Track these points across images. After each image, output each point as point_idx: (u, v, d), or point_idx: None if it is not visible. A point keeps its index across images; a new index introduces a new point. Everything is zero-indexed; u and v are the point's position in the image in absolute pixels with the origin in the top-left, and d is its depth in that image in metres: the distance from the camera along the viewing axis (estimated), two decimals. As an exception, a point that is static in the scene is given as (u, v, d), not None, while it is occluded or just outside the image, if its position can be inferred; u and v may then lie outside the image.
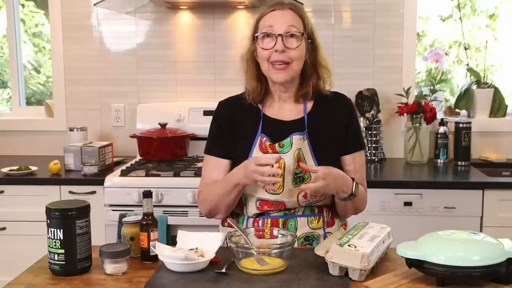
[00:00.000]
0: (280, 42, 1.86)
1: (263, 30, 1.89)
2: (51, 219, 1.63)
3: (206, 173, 2.02)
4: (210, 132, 2.05)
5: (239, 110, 2.00)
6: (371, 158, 3.40)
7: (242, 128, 1.98)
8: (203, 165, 2.06)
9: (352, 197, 1.86)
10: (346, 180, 1.85)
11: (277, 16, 1.89)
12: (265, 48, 1.88)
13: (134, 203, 2.81)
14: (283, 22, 1.88)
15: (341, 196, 1.86)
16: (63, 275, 1.63)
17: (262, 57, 1.91)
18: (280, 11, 1.91)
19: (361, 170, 2.02)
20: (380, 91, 3.43)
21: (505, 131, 3.50)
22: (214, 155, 2.00)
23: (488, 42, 3.67)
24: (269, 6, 1.94)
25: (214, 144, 2.01)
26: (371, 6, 3.45)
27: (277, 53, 1.87)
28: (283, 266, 1.63)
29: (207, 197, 1.96)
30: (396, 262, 1.69)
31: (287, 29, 1.87)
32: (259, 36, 1.90)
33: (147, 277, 1.61)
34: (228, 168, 1.98)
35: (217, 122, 2.02)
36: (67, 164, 3.13)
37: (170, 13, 3.53)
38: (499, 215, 2.84)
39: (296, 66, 1.90)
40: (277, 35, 1.87)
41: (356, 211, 2.01)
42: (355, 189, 1.86)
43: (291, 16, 1.90)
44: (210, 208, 1.97)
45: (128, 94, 3.60)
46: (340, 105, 2.02)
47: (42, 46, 3.99)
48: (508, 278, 1.48)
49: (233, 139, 1.98)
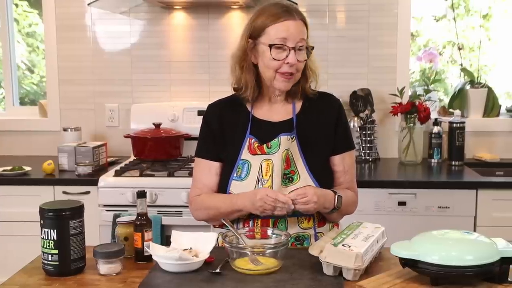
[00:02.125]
0: (293, 56, 1.85)
1: (276, 41, 1.85)
2: (44, 220, 1.63)
3: (198, 176, 2.02)
4: (201, 134, 2.05)
5: (228, 112, 2.01)
6: (365, 158, 3.40)
7: (232, 130, 1.98)
8: (194, 168, 2.06)
9: (335, 210, 1.89)
10: (327, 196, 1.86)
11: (291, 28, 1.86)
12: (277, 59, 1.86)
13: (128, 203, 2.80)
14: (297, 35, 1.86)
15: (324, 212, 1.90)
16: (57, 276, 1.63)
17: (269, 66, 1.88)
18: (293, 21, 1.87)
19: (351, 170, 2.02)
20: (374, 91, 3.44)
21: (498, 130, 3.51)
22: (205, 158, 2.00)
23: (482, 42, 3.68)
24: (277, 12, 1.88)
25: (205, 147, 2.02)
26: (365, 6, 3.45)
27: (287, 65, 1.86)
28: (277, 266, 1.63)
29: (205, 207, 1.96)
30: (390, 261, 1.69)
31: (299, 42, 1.87)
32: (272, 46, 1.85)
33: (141, 277, 1.61)
34: (219, 171, 1.98)
35: (207, 124, 2.02)
36: (61, 164, 3.12)
37: (164, 13, 3.53)
38: (493, 214, 2.85)
39: (298, 76, 1.93)
40: (290, 48, 1.86)
41: (344, 215, 2.03)
42: (337, 203, 1.87)
43: (302, 28, 1.89)
44: (206, 218, 1.99)
45: (122, 94, 3.60)
46: (328, 105, 2.03)
47: (35, 46, 3.97)
48: (501, 278, 1.48)
49: (223, 140, 1.98)
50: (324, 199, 1.85)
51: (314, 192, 1.80)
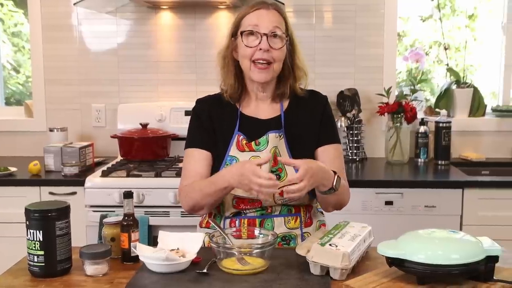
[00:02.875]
0: (265, 41, 1.87)
1: (248, 28, 1.89)
2: (30, 220, 1.62)
3: (190, 166, 1.97)
4: (191, 126, 2.03)
5: (217, 108, 2.01)
6: (352, 157, 3.41)
7: (220, 126, 1.98)
8: (184, 161, 2.01)
9: (332, 191, 1.82)
10: (326, 173, 1.80)
11: (262, 15, 1.90)
12: (249, 46, 1.88)
13: (115, 203, 2.79)
14: (269, 22, 1.88)
15: (321, 189, 1.82)
16: (43, 277, 1.62)
17: (244, 55, 1.91)
18: (265, 10, 1.91)
19: (336, 161, 1.96)
20: (361, 91, 3.45)
21: (484, 130, 3.54)
22: (197, 147, 1.96)
23: (468, 42, 3.70)
24: (252, 4, 1.94)
25: (196, 137, 1.99)
26: (352, 7, 3.46)
27: (260, 52, 1.87)
28: (265, 266, 1.63)
29: (191, 194, 1.91)
30: (377, 261, 1.70)
31: (272, 29, 1.88)
32: (243, 33, 1.89)
33: (128, 278, 1.60)
34: (211, 162, 1.96)
35: (198, 116, 2.01)
36: (47, 165, 3.10)
37: (151, 13, 3.52)
38: (479, 213, 2.87)
39: (277, 67, 1.92)
40: (262, 34, 1.87)
41: (338, 205, 1.97)
42: (336, 182, 1.81)
43: (276, 17, 1.91)
44: (194, 204, 1.91)
45: (109, 94, 3.58)
46: (315, 102, 2.03)
47: (21, 45, 3.94)
48: (486, 276, 1.49)
49: (213, 134, 1.97)
50: (323, 174, 1.78)
51: (306, 169, 1.70)
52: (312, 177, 1.72)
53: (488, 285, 1.48)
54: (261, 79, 1.91)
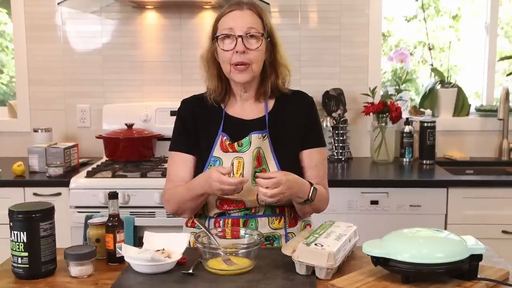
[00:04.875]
0: (240, 43, 1.86)
1: (223, 32, 1.89)
2: (14, 222, 1.60)
3: (172, 170, 2.00)
4: (175, 129, 2.04)
5: (202, 109, 2.01)
6: (338, 157, 3.42)
7: (205, 126, 1.98)
8: (168, 163, 2.04)
9: (308, 202, 1.85)
10: (302, 186, 1.83)
11: (236, 17, 1.89)
12: (226, 50, 1.88)
13: (100, 204, 2.77)
14: (243, 24, 1.88)
15: (297, 201, 1.86)
16: (27, 279, 1.60)
17: (223, 59, 1.91)
18: (239, 11, 1.90)
19: (319, 167, 1.98)
20: (347, 90, 3.46)
21: (468, 130, 3.56)
22: (180, 151, 1.98)
23: (452, 43, 3.73)
24: (227, 6, 1.94)
25: (180, 140, 2.01)
26: (337, 7, 3.47)
27: (237, 54, 1.87)
28: (250, 266, 1.63)
29: (172, 199, 1.95)
30: (362, 260, 1.70)
31: (247, 30, 1.88)
32: (219, 37, 1.90)
33: (113, 279, 1.59)
34: (193, 165, 1.97)
35: (182, 119, 2.02)
36: (31, 166, 3.08)
37: (136, 12, 3.50)
38: (463, 212, 2.89)
39: (256, 67, 1.91)
40: (237, 36, 1.87)
41: (315, 211, 2.00)
42: (311, 194, 1.83)
43: (250, 17, 1.90)
44: (176, 208, 1.96)
45: (93, 94, 3.56)
46: (301, 103, 2.03)
47: (5, 45, 3.91)
48: (470, 275, 1.50)
49: (197, 136, 1.98)
50: (299, 187, 1.81)
51: (288, 186, 1.74)
52: (289, 189, 1.75)
53: (472, 283, 1.49)
54: (241, 80, 1.92)
